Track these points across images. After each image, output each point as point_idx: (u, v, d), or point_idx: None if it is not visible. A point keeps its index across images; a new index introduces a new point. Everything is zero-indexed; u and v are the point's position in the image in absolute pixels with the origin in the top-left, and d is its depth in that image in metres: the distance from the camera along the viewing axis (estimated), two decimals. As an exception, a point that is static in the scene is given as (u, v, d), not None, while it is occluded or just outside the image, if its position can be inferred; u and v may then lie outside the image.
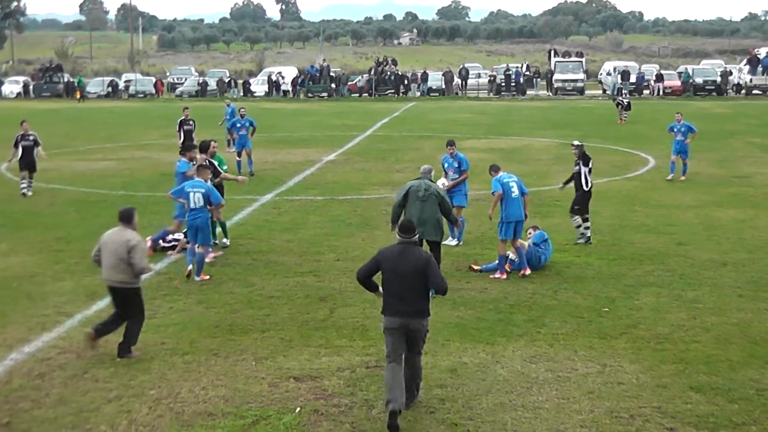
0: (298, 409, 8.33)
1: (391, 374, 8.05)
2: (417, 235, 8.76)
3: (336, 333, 10.58)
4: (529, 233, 13.97)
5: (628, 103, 41.07)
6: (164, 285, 12.85)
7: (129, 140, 34.22)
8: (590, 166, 15.37)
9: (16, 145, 21.35)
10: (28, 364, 9.60)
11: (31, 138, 21.43)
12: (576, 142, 15.93)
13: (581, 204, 15.41)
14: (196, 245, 13.15)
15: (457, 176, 15.38)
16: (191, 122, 25.60)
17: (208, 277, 13.12)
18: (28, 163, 21.22)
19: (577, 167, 15.46)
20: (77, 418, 8.18)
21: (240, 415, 8.19)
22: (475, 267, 13.65)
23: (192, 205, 13.09)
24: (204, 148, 15.34)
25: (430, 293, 8.41)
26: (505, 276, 13.08)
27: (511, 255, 13.49)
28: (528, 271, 13.20)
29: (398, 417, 7.85)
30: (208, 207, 13.22)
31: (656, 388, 8.78)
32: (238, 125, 24.69)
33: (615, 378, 9.07)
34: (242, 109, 25.87)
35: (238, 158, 24.30)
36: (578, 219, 15.37)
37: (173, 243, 14.82)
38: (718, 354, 9.74)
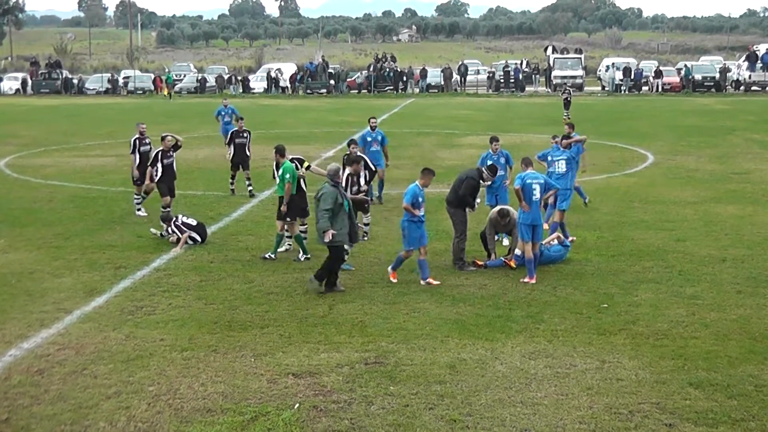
0: (297, 405, 8.33)
1: None
2: (482, 175, 13.89)
3: (335, 329, 10.58)
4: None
5: (568, 100, 39.56)
6: (163, 281, 12.85)
7: (128, 137, 34.03)
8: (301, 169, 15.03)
9: (134, 151, 18.13)
10: (27, 361, 9.59)
11: (148, 141, 18.26)
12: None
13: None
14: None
15: (504, 173, 15.68)
16: (245, 134, 20.78)
17: (394, 280, 12.61)
18: (141, 174, 17.79)
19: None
20: (76, 414, 8.17)
21: (239, 412, 8.19)
22: (479, 262, 13.63)
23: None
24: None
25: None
26: (534, 280, 12.61)
27: (518, 251, 13.46)
28: (533, 281, 12.67)
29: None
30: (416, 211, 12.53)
31: (655, 384, 8.78)
32: (369, 139, 19.11)
33: (614, 374, 9.07)
34: (372, 120, 19.57)
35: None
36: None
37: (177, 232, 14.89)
38: (717, 350, 9.74)
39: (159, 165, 16.69)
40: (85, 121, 42.47)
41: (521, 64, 66.57)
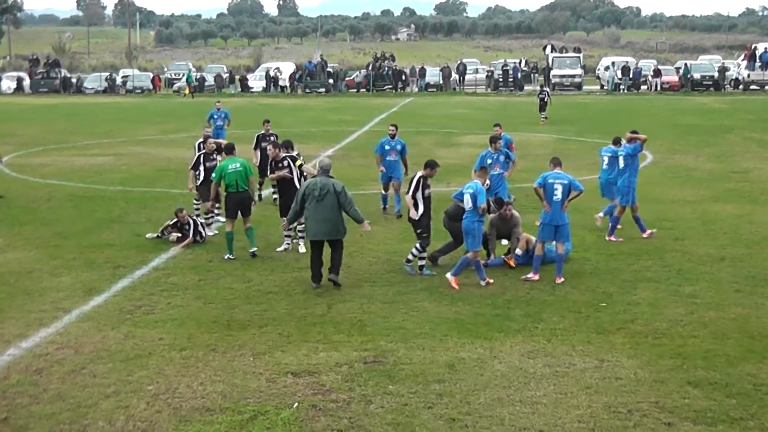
0: (296, 404, 8.33)
1: None
2: (489, 207, 13.13)
3: (334, 328, 10.58)
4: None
5: (544, 101, 38.90)
6: (161, 281, 12.85)
7: (126, 136, 34.16)
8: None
9: (197, 165, 16.19)
10: (25, 360, 9.59)
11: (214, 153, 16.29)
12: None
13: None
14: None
15: (503, 171, 15.79)
16: (272, 137, 18.65)
17: (456, 287, 12.28)
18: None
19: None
20: (75, 413, 8.17)
21: (238, 411, 8.19)
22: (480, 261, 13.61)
23: (465, 206, 12.46)
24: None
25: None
26: (537, 277, 12.64)
27: (518, 251, 13.49)
28: (536, 277, 12.71)
29: None
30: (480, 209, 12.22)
31: (654, 383, 8.79)
32: (387, 147, 17.60)
33: (613, 373, 9.08)
34: (392, 128, 17.99)
35: (384, 192, 17.95)
36: None
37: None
38: (716, 349, 9.75)
39: (201, 168, 15.95)
40: (84, 120, 42.41)
41: (520, 63, 66.56)
